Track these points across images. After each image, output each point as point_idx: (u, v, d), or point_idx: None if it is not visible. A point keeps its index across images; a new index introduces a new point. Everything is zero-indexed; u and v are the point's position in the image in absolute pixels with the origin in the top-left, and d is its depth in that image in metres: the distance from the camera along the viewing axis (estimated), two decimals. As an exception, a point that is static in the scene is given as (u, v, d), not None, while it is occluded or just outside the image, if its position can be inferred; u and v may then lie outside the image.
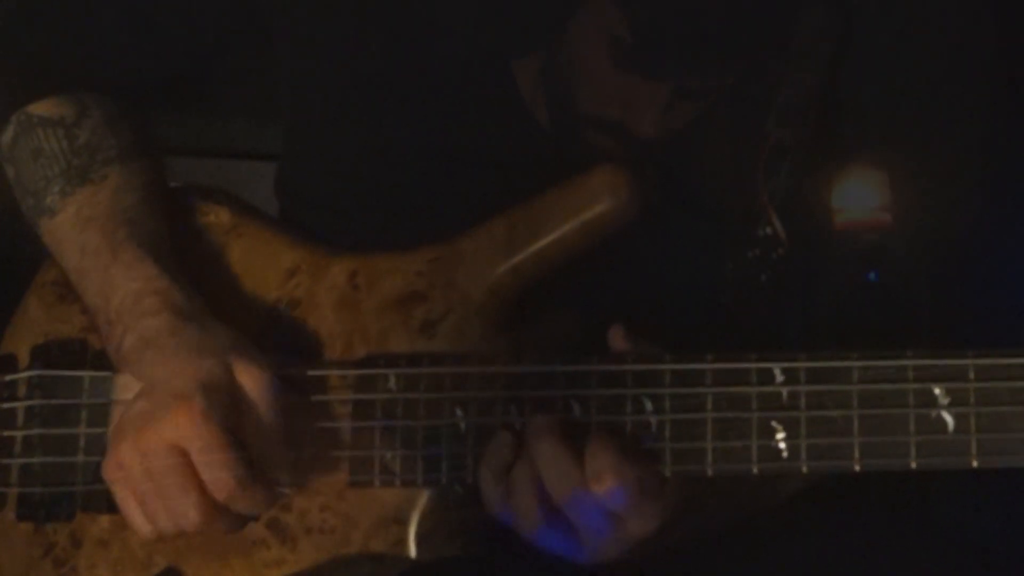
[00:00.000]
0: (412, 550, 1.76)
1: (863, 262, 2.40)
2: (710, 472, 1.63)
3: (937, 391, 1.56)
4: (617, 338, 1.72)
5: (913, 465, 1.56)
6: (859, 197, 2.46)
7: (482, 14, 1.88)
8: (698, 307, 1.94)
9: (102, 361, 1.88)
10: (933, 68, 1.88)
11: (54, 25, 1.97)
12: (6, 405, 1.93)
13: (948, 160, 1.92)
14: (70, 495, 1.89)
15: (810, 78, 1.85)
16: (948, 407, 1.56)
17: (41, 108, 1.92)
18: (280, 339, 1.83)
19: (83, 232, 1.87)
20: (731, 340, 1.92)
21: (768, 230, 1.91)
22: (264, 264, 1.88)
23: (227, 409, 1.72)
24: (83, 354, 1.91)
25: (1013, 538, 2.11)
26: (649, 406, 1.66)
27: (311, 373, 1.78)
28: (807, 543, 1.84)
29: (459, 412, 1.73)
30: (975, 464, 1.54)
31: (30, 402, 1.91)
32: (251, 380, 1.74)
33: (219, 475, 1.72)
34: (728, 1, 1.84)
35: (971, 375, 1.55)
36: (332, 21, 1.91)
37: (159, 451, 1.72)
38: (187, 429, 1.71)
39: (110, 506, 1.85)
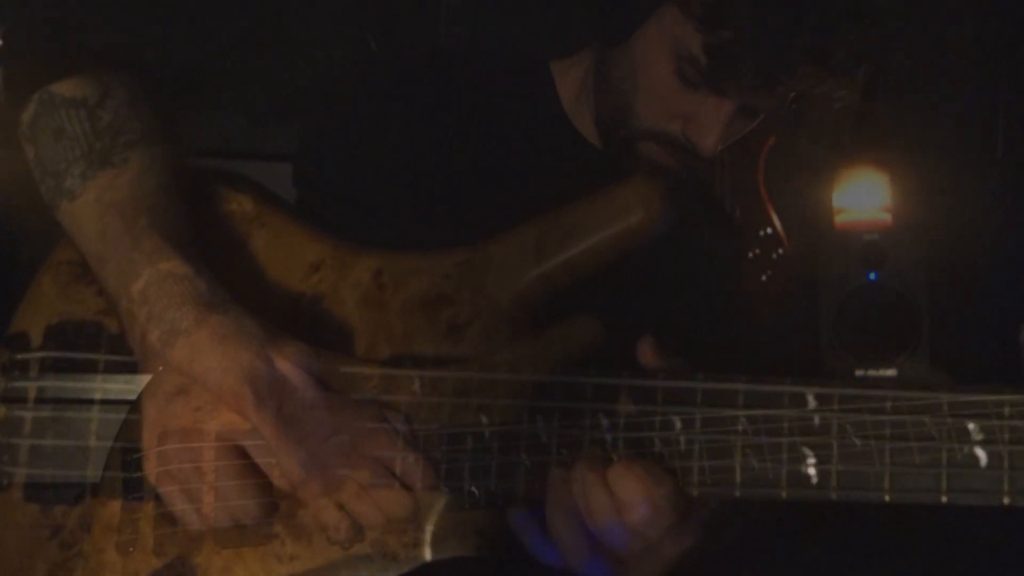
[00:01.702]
0: (427, 552, 1.76)
1: (863, 262, 2.42)
2: (738, 494, 1.64)
3: (971, 427, 1.57)
4: (646, 351, 1.71)
5: (944, 499, 1.57)
6: (859, 197, 2.48)
7: (522, 6, 1.87)
8: (700, 307, 1.94)
9: (117, 345, 1.86)
10: (955, 86, 1.89)
11: (78, 3, 1.94)
12: (17, 384, 1.91)
13: (961, 167, 1.93)
14: (80, 478, 1.87)
15: (846, 96, 1.85)
16: (981, 443, 1.57)
17: (64, 88, 1.88)
18: (302, 333, 1.80)
19: (103, 217, 1.84)
20: (731, 340, 1.93)
21: (768, 230, 1.91)
22: (287, 256, 1.86)
23: (276, 399, 1.72)
24: (98, 337, 1.89)
25: (1014, 538, 2.14)
26: (678, 425, 1.66)
27: (343, 370, 1.77)
28: (812, 542, 1.85)
29: (483, 418, 1.73)
30: (1007, 502, 1.55)
31: (42, 383, 1.89)
32: (293, 367, 1.73)
33: (283, 465, 1.71)
34: (786, 23, 1.84)
35: (1006, 412, 1.56)
36: (356, 14, 1.89)
37: (211, 448, 1.72)
38: (242, 425, 1.71)
39: (126, 491, 1.84)
